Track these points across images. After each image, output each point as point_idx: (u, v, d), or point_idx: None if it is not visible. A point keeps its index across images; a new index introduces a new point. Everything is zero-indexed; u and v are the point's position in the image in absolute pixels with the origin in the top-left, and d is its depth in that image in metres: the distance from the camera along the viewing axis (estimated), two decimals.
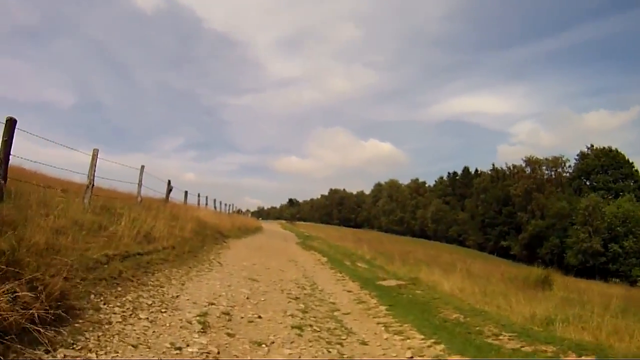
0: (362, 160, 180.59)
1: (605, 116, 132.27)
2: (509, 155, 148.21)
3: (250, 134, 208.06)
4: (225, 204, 34.27)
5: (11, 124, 6.06)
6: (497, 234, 74.61)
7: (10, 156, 6.17)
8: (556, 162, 73.30)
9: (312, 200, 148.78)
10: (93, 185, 9.63)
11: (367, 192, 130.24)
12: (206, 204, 26.39)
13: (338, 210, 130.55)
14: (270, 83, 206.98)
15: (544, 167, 74.82)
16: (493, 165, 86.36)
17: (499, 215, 75.13)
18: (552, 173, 73.94)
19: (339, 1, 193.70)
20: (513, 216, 72.48)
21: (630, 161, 66.51)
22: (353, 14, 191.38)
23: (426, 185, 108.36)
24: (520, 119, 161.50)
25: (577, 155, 71.85)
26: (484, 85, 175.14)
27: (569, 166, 73.61)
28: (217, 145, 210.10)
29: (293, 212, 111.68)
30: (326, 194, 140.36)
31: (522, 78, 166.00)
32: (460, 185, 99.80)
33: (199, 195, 25.01)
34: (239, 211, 45.29)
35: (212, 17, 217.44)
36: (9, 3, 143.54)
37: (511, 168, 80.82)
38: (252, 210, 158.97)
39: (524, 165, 76.46)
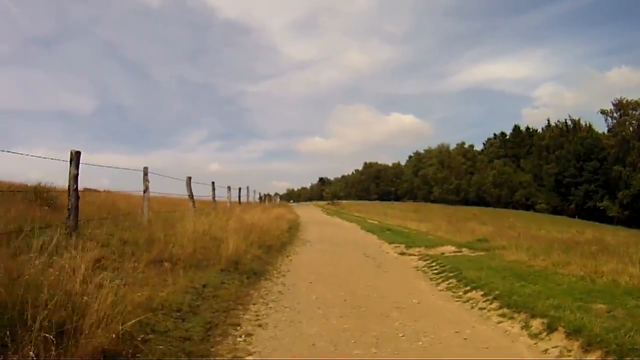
0: (385, 134, 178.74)
1: (627, 72, 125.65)
2: (534, 117, 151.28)
3: (272, 119, 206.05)
4: (254, 191, 27.59)
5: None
6: (582, 194, 61.79)
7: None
8: None
9: (344, 177, 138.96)
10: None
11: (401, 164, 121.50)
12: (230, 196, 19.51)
13: (376, 184, 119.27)
14: (288, 66, 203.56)
15: (638, 111, 60.48)
16: (566, 119, 72.78)
17: (583, 172, 62.12)
18: None
19: None
20: (603, 172, 59.34)
21: None
22: None
23: (474, 148, 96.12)
24: (541, 82, 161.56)
25: None
26: (502, 51, 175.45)
27: None
28: (240, 133, 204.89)
29: (333, 190, 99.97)
30: (359, 168, 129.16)
31: (539, 41, 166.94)
32: (513, 145, 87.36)
33: (229, 189, 19.03)
34: (265, 197, 37.10)
35: (223, 5, 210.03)
36: (19, 14, 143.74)
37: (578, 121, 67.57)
38: (280, 193, 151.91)
39: (612, 110, 62.53)
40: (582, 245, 11.88)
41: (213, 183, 15.90)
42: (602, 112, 65.11)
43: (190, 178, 12.56)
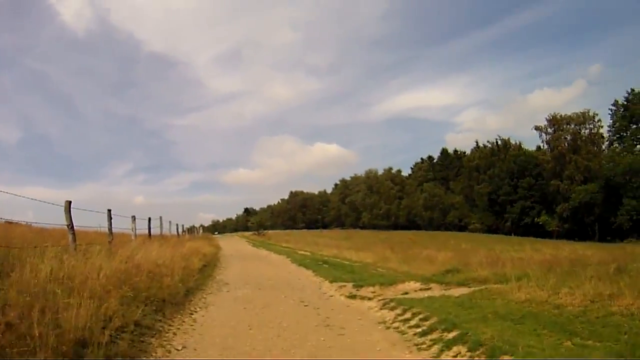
0: (310, 164, 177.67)
1: (550, 94, 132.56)
2: (458, 142, 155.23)
3: (198, 152, 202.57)
4: (171, 222, 23.55)
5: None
6: (518, 211, 63.03)
7: None
8: (584, 119, 61.81)
9: (270, 206, 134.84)
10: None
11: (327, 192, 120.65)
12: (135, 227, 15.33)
13: (302, 212, 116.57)
14: (213, 100, 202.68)
15: (573, 125, 63.00)
16: (496, 139, 75.57)
17: (518, 189, 63.88)
18: (583, 130, 62.20)
19: (275, 10, 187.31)
20: (539, 187, 61.03)
21: None
22: (290, 22, 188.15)
23: (402, 173, 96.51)
24: (465, 108, 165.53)
25: (612, 106, 58.88)
26: (426, 80, 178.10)
27: (599, 120, 62.28)
28: (166, 166, 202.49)
29: (259, 220, 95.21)
30: (286, 198, 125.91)
31: (462, 69, 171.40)
32: (441, 168, 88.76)
33: (133, 218, 14.97)
34: (186, 230, 33.92)
35: (150, 39, 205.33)
36: None
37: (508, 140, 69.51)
38: (206, 225, 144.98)
39: (546, 126, 64.82)
40: (582, 265, 9.29)
41: (109, 211, 11.98)
42: (537, 128, 67.52)
43: (69, 203, 8.90)
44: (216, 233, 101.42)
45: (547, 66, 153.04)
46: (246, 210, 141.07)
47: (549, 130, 65.96)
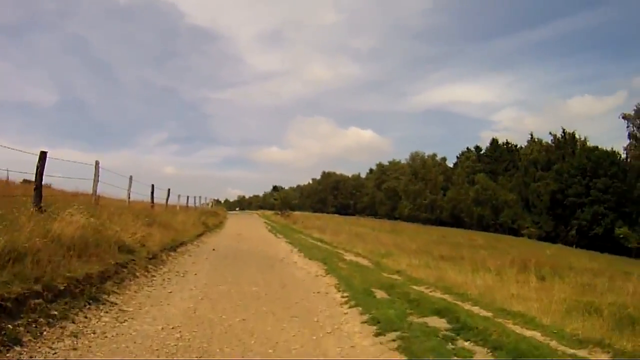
0: (343, 148, 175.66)
1: (590, 101, 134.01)
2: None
3: (232, 127, 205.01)
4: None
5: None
6: (589, 218, 51.73)
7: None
8: None
9: (299, 186, 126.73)
10: None
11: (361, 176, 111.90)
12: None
13: (334, 196, 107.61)
14: (251, 76, 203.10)
15: None
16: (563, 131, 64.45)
17: (591, 191, 52.39)
18: None
19: None
20: (614, 190, 50.49)
21: None
22: (335, 4, 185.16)
23: (446, 162, 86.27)
24: (503, 107, 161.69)
25: None
26: (466, 76, 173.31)
27: None
28: (200, 139, 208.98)
29: (284, 196, 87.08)
30: (318, 178, 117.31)
31: (504, 68, 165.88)
32: (489, 160, 77.94)
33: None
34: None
35: (193, 11, 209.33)
36: None
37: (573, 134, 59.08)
38: (231, 200, 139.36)
39: (635, 114, 53.82)
40: None
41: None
42: (625, 117, 56.16)
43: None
44: (237, 209, 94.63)
45: (590, 73, 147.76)
46: (274, 188, 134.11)
47: (638, 121, 54.64)
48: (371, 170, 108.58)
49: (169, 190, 22.18)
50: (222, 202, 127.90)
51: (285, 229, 27.07)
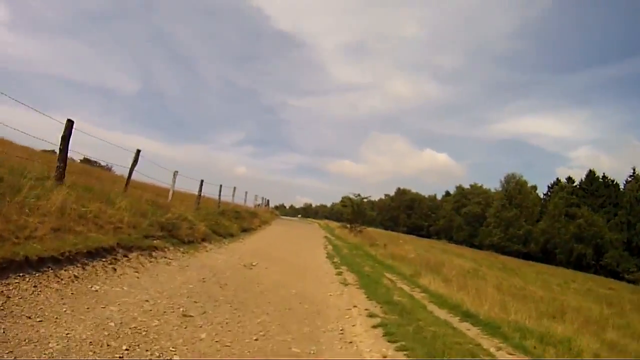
0: (416, 169, 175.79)
1: None
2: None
3: (308, 135, 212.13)
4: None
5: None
6: None
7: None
8: None
9: (371, 201, 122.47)
10: None
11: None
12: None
13: (407, 215, 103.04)
14: (331, 86, 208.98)
15: None
16: None
17: None
18: None
19: (404, 7, 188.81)
20: None
21: None
22: (420, 23, 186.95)
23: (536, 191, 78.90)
24: (581, 144, 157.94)
25: None
26: (545, 107, 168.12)
27: None
28: (275, 143, 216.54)
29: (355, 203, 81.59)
30: (390, 194, 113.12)
31: (584, 103, 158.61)
32: (584, 194, 69.89)
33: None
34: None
35: (278, 16, 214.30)
36: None
37: None
38: (297, 206, 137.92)
39: None
40: None
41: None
42: None
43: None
44: (298, 216, 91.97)
45: None
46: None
47: None
48: (447, 193, 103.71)
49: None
50: (287, 207, 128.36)
51: (357, 258, 16.49)
